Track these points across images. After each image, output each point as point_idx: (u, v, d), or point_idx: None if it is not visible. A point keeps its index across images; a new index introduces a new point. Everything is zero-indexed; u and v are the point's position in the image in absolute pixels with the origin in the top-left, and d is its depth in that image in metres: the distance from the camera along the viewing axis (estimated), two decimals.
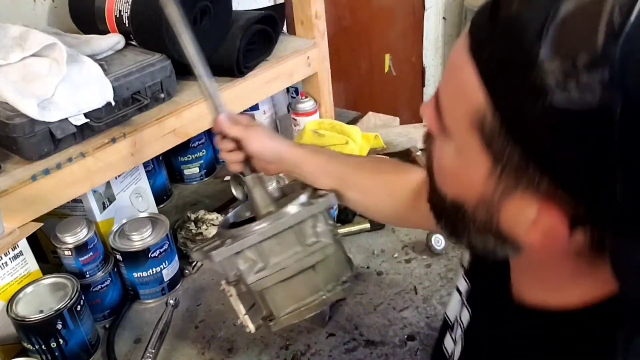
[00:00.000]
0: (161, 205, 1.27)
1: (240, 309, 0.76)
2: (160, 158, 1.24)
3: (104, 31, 1.04)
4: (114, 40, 1.00)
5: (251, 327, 0.76)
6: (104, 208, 1.04)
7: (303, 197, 0.77)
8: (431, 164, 0.49)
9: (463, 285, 0.66)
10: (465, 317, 0.62)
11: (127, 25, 1.01)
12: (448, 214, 0.48)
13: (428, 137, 0.50)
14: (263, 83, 1.19)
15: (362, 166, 0.83)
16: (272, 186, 0.90)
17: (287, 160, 0.80)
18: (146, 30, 1.00)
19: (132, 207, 1.11)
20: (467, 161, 0.42)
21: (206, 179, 1.39)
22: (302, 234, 0.75)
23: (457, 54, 0.41)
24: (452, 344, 0.64)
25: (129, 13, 1.00)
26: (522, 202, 0.39)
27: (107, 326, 0.98)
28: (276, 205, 0.80)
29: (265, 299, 0.75)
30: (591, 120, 0.33)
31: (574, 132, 0.34)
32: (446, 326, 0.68)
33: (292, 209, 0.75)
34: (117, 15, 1.02)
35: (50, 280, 0.90)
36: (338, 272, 0.77)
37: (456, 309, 0.66)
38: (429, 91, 3.05)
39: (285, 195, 0.86)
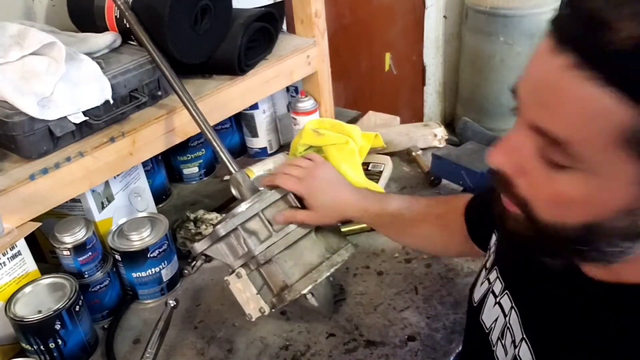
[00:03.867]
0: (160, 205, 1.27)
1: (252, 289, 0.78)
2: (159, 157, 1.24)
3: (103, 30, 1.04)
4: (110, 38, 1.00)
5: (265, 307, 0.78)
6: (103, 208, 1.04)
7: None
8: (527, 210, 0.49)
9: (498, 286, 0.66)
10: (514, 318, 0.61)
11: (126, 24, 1.01)
12: (572, 241, 0.48)
13: (509, 188, 0.49)
14: (263, 82, 1.19)
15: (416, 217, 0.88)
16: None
17: (349, 215, 0.87)
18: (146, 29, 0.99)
19: (131, 207, 1.11)
20: (608, 180, 0.42)
21: (205, 178, 1.38)
22: (299, 199, 0.83)
23: (576, 88, 0.40)
24: (503, 352, 0.63)
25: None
26: None
27: (105, 326, 0.98)
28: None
29: (275, 270, 0.79)
30: None
31: None
32: (482, 333, 0.68)
33: None
34: (117, 15, 1.01)
35: (48, 280, 0.90)
36: (336, 237, 0.85)
37: (495, 313, 0.66)
38: (429, 90, 3.05)
39: None
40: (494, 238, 0.73)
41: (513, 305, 0.63)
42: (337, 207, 0.85)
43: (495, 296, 0.66)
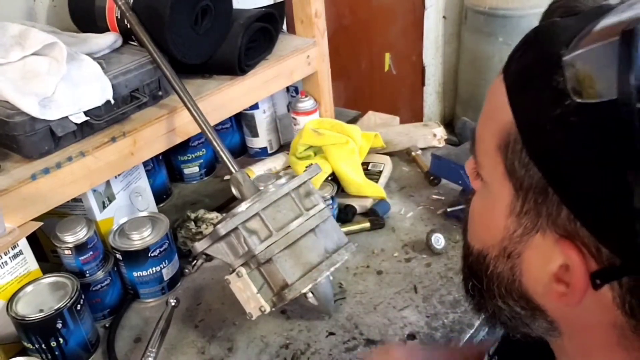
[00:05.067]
0: (161, 205, 1.27)
1: (252, 288, 0.78)
2: (160, 157, 1.24)
3: (104, 30, 1.04)
4: (111, 38, 1.00)
5: (265, 306, 0.78)
6: (104, 207, 1.04)
7: (283, 180, 0.86)
8: (465, 226, 0.47)
9: None
10: None
11: (127, 24, 1.01)
12: (472, 271, 0.45)
13: (467, 200, 0.48)
14: (263, 82, 1.19)
15: None
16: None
17: None
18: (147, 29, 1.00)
19: (132, 206, 1.11)
20: (492, 196, 0.40)
21: (206, 178, 1.39)
22: (299, 199, 0.82)
23: (493, 84, 0.40)
24: None
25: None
26: (544, 246, 0.37)
27: (107, 325, 0.98)
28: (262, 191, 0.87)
29: (275, 269, 0.79)
30: (611, 113, 0.31)
31: (591, 135, 0.32)
32: None
33: (279, 182, 0.84)
34: (118, 15, 1.02)
35: (50, 279, 0.90)
36: (337, 236, 0.84)
37: None
38: (429, 90, 3.05)
39: None
40: None
41: None
42: None
43: None
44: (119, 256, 0.99)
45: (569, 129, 0.33)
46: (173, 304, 0.93)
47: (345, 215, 1.16)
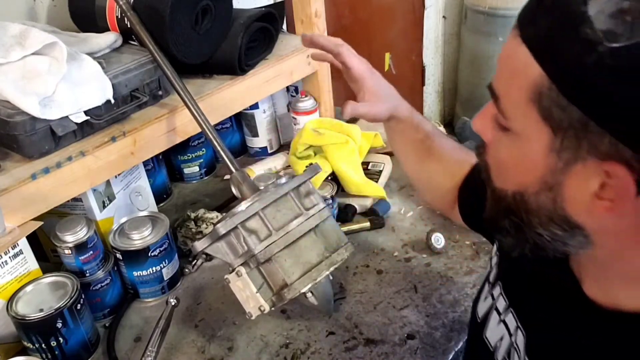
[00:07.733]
0: (161, 204, 1.27)
1: (252, 287, 0.78)
2: (160, 157, 1.24)
3: (104, 30, 1.04)
4: (111, 38, 1.00)
5: (265, 306, 0.78)
6: (104, 207, 1.04)
7: (283, 179, 0.86)
8: (488, 175, 0.52)
9: (502, 303, 0.65)
10: (521, 339, 0.60)
11: (127, 24, 1.01)
12: (510, 211, 0.50)
13: (481, 152, 0.53)
14: (263, 82, 1.19)
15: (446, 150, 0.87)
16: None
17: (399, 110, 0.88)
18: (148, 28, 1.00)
19: (132, 206, 1.11)
20: (527, 142, 0.45)
21: (206, 177, 1.39)
22: (298, 199, 0.82)
23: (508, 45, 0.45)
24: None
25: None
26: (584, 172, 0.42)
27: (107, 325, 0.98)
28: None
29: (274, 269, 0.79)
30: None
31: (628, 74, 0.37)
32: (487, 351, 0.66)
33: (279, 182, 0.84)
34: (118, 15, 1.02)
35: (50, 279, 0.90)
36: (336, 236, 0.84)
37: (499, 331, 0.64)
38: (429, 90, 3.05)
39: None
40: (494, 248, 0.71)
41: (519, 325, 0.61)
42: (392, 97, 0.86)
43: (499, 313, 0.64)
44: (119, 256, 0.99)
45: (607, 71, 0.37)
46: (173, 303, 0.93)
47: (345, 214, 1.16)
